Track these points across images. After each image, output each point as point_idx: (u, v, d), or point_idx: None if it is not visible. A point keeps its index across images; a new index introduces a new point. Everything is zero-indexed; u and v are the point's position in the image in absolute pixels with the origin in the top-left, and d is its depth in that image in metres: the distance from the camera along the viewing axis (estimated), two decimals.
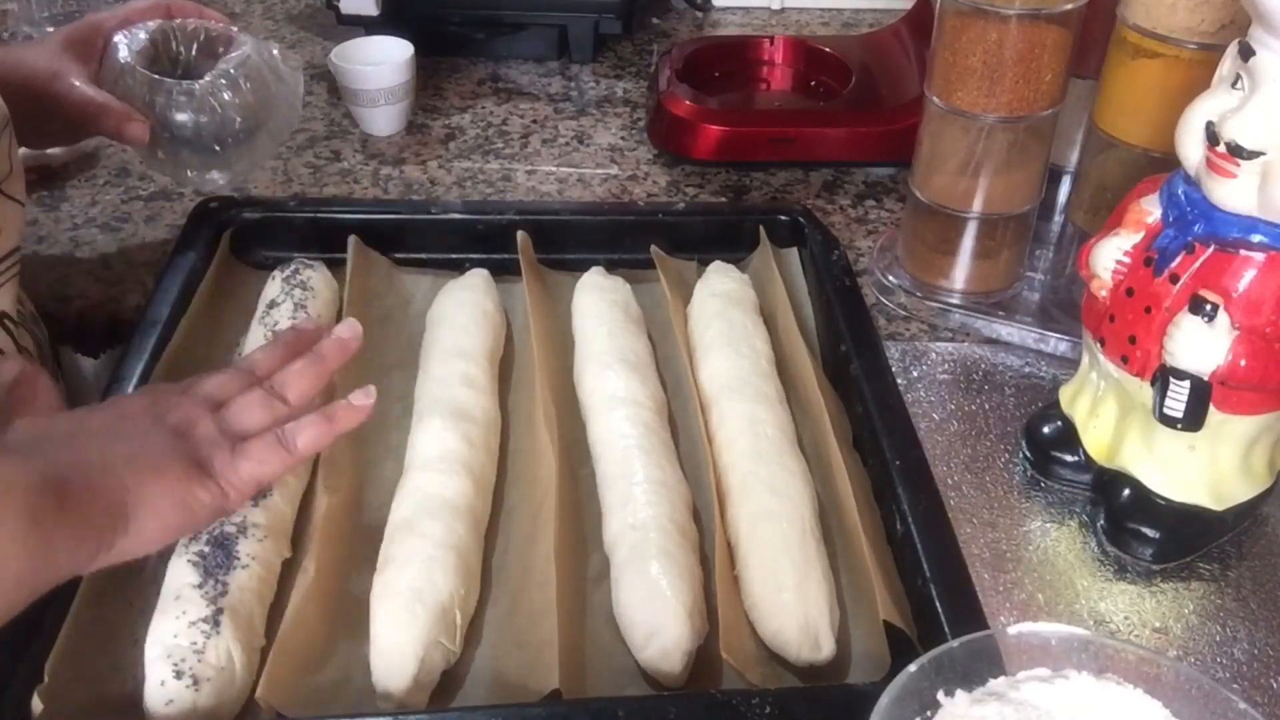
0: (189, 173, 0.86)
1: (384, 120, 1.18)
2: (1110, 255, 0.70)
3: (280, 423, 0.61)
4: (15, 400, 0.59)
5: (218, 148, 0.84)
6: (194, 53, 0.87)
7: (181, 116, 0.82)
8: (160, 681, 0.58)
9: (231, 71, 0.83)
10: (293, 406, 0.62)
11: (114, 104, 0.81)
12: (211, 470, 0.57)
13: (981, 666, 0.52)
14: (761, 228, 0.93)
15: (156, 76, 0.82)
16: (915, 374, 0.87)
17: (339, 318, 0.83)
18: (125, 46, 0.83)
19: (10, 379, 0.60)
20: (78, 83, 0.81)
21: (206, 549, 0.63)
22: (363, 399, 0.62)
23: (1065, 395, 0.78)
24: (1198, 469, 0.70)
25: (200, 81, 0.82)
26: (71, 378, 0.92)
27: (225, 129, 0.83)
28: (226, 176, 0.88)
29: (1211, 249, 0.65)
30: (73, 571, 0.53)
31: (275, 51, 0.87)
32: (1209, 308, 0.64)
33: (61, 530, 0.50)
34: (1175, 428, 0.68)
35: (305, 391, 0.63)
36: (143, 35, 0.83)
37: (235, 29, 0.87)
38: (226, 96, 0.83)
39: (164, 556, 0.65)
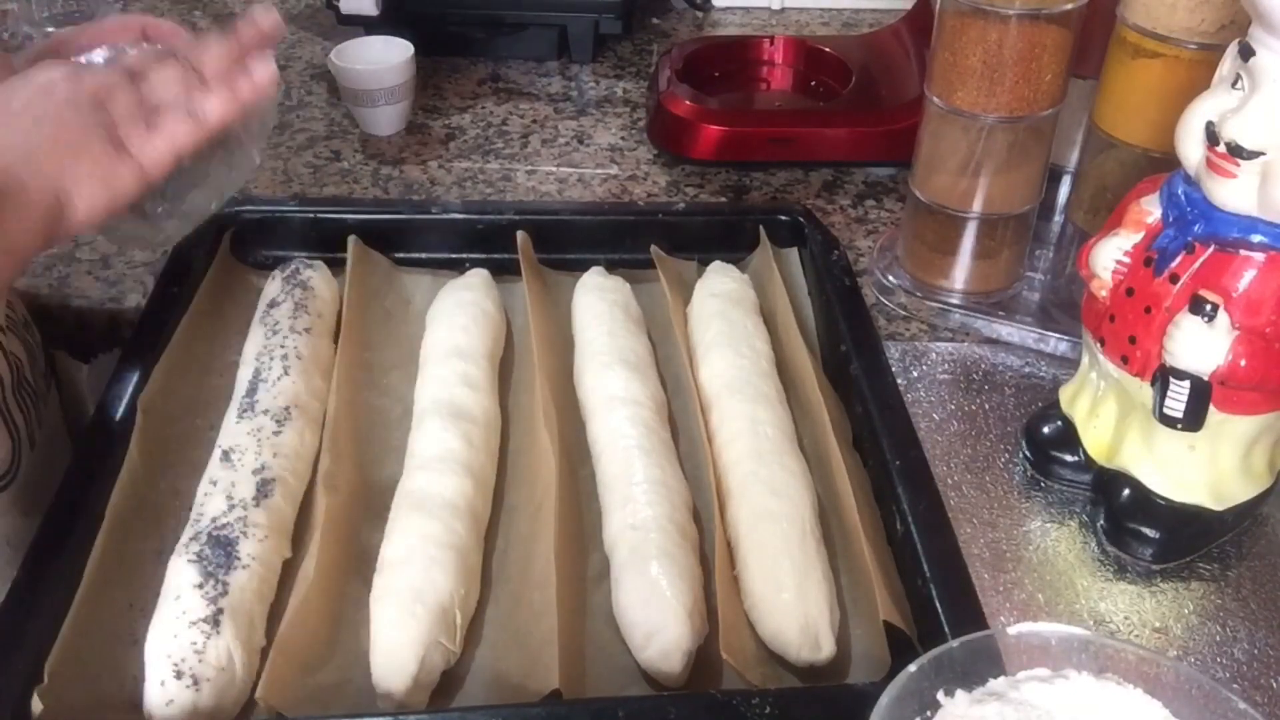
0: (107, 235, 0.72)
1: (384, 120, 1.18)
2: (1110, 255, 0.70)
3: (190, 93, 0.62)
4: None
5: (131, 213, 0.66)
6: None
7: None
8: (160, 681, 0.58)
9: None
10: (207, 81, 0.63)
11: None
12: (128, 148, 0.60)
13: (981, 666, 0.52)
14: (761, 228, 0.93)
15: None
16: (915, 374, 0.87)
17: (339, 318, 0.83)
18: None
19: None
20: None
21: (207, 549, 0.63)
22: (261, 66, 0.64)
23: (1065, 395, 0.78)
24: (1198, 469, 0.70)
25: None
26: (65, 384, 0.92)
27: (149, 192, 0.65)
28: (153, 243, 0.78)
29: (1211, 249, 0.65)
30: (27, 257, 0.58)
31: None
32: (1209, 308, 0.64)
33: (6, 231, 0.55)
34: (1175, 428, 0.68)
35: (219, 66, 0.64)
36: (99, 59, 0.68)
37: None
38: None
39: (164, 556, 0.65)
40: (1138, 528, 0.72)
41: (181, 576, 0.62)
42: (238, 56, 0.65)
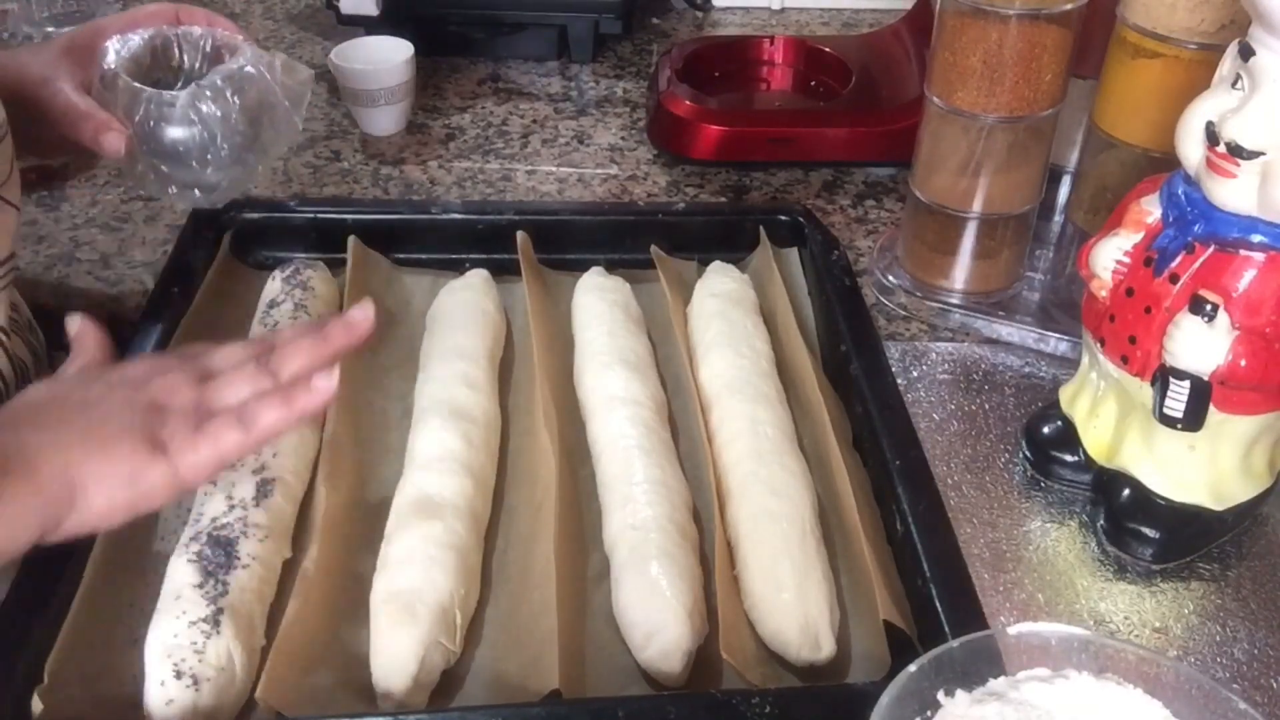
0: (170, 189, 0.79)
1: (384, 120, 1.18)
2: (1110, 255, 0.70)
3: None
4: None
5: (195, 164, 0.77)
6: (199, 63, 0.81)
7: (160, 128, 0.75)
8: (160, 681, 0.58)
9: (219, 83, 0.76)
10: (281, 383, 0.60)
11: (96, 112, 0.75)
12: (168, 449, 0.56)
13: (981, 666, 0.52)
14: (761, 228, 0.93)
15: (136, 85, 0.75)
16: (915, 374, 0.87)
17: None
18: (114, 53, 0.77)
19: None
20: (66, 88, 0.76)
21: (207, 549, 0.63)
22: (323, 381, 0.60)
23: (1065, 395, 0.78)
24: (1198, 469, 0.70)
25: (182, 92, 0.75)
26: None
27: (208, 144, 0.76)
28: (209, 195, 0.80)
29: (1211, 249, 0.65)
30: (19, 546, 0.54)
31: (278, 64, 0.80)
32: (1209, 308, 0.64)
33: (2, 505, 0.52)
34: (1175, 428, 0.68)
35: (299, 370, 0.61)
36: (137, 41, 0.77)
37: (242, 38, 0.80)
38: (206, 109, 0.75)
39: (164, 556, 0.65)
40: (1138, 528, 0.72)
41: (181, 576, 0.62)
42: (322, 359, 0.62)
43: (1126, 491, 0.73)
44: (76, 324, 0.64)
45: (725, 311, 0.84)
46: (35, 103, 0.77)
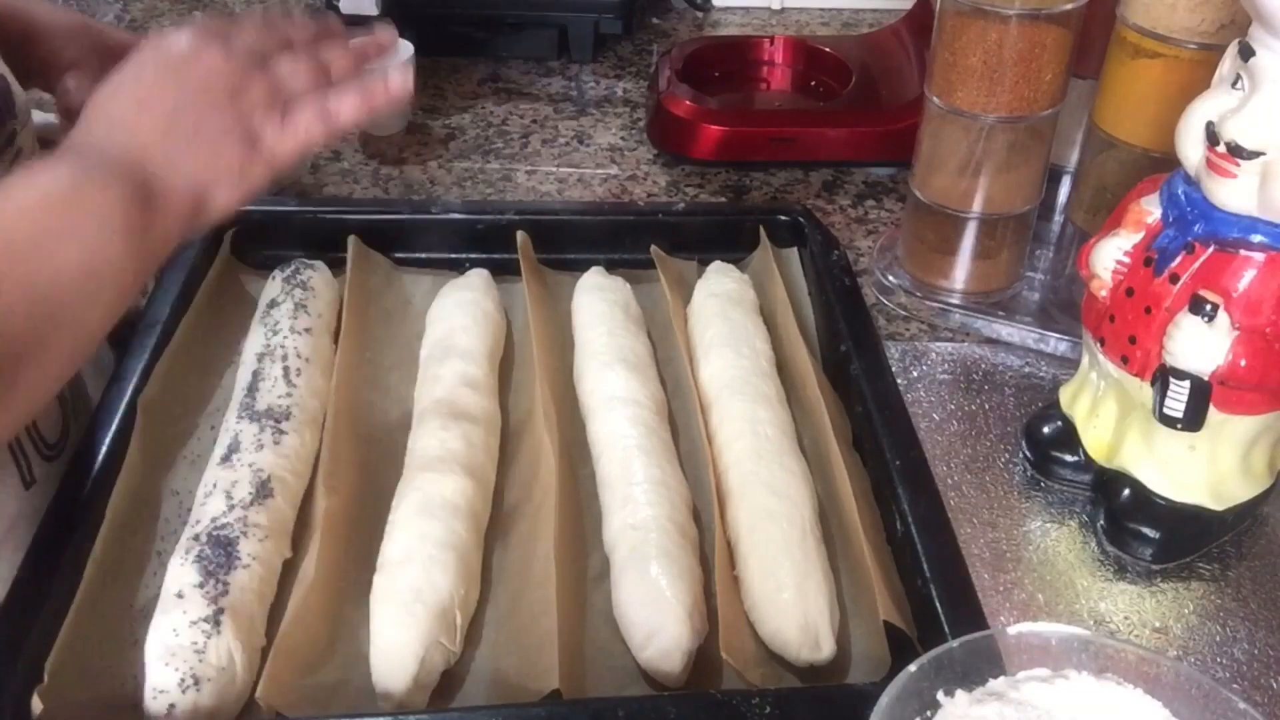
0: None
1: (384, 120, 1.18)
2: (1110, 255, 0.70)
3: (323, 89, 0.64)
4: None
5: None
6: None
7: None
8: (160, 681, 0.58)
9: None
10: (332, 80, 0.65)
11: None
12: (262, 140, 0.61)
13: (981, 666, 0.52)
14: (761, 228, 0.93)
15: None
16: (915, 374, 0.87)
17: (339, 318, 0.83)
18: None
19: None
20: (111, 28, 0.91)
21: (207, 549, 0.63)
22: (399, 77, 0.66)
23: (1065, 395, 0.78)
24: (1198, 469, 0.70)
25: None
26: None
27: None
28: None
29: (1211, 249, 0.65)
30: (164, 256, 0.60)
31: None
32: (1209, 308, 0.64)
33: (152, 231, 0.57)
34: (1175, 428, 0.68)
35: (346, 67, 0.66)
36: None
37: None
38: None
39: (164, 556, 0.65)
40: (1138, 528, 0.72)
41: (182, 576, 0.62)
42: (359, 62, 0.67)
43: (1126, 491, 0.73)
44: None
45: (725, 311, 0.84)
46: (58, 31, 0.84)
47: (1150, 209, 0.69)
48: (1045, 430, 0.79)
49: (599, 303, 0.85)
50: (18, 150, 0.75)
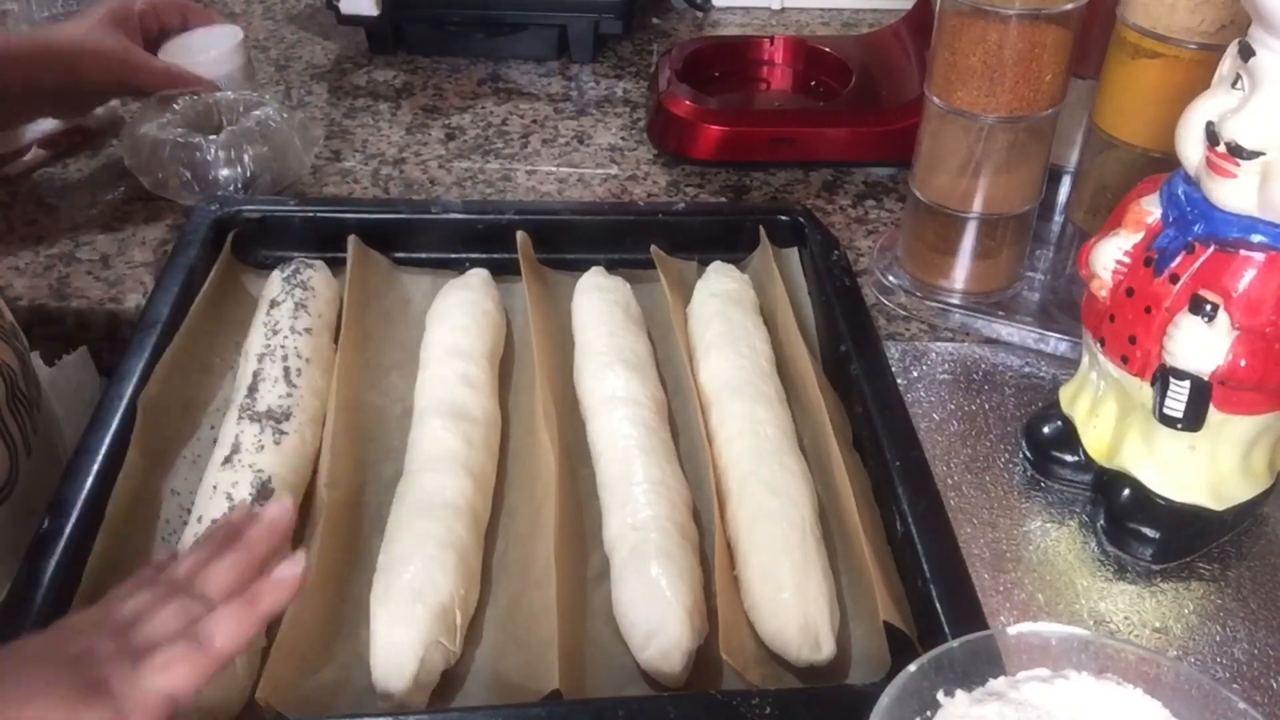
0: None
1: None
2: (1110, 255, 0.70)
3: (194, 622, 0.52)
4: None
5: (233, 188, 1.00)
6: (235, 118, 1.05)
7: (208, 160, 0.99)
8: None
9: (239, 132, 1.00)
10: (215, 605, 0.53)
11: (187, 74, 1.05)
12: (108, 690, 0.49)
13: (981, 666, 0.52)
14: (761, 228, 0.93)
15: (184, 138, 0.99)
16: (915, 374, 0.87)
17: (339, 318, 0.84)
18: (163, 119, 1.02)
19: None
20: (150, 57, 1.04)
21: None
22: (290, 568, 0.54)
23: (1065, 395, 0.78)
24: (1198, 469, 0.70)
25: (217, 137, 1.00)
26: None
27: (237, 176, 1.00)
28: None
29: (1211, 249, 0.65)
30: None
31: (296, 119, 1.06)
32: (1209, 308, 0.64)
33: None
34: (1175, 428, 0.68)
35: (229, 586, 0.55)
36: (176, 107, 1.03)
37: (268, 99, 1.07)
38: (235, 151, 0.99)
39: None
40: (1138, 528, 0.72)
41: None
42: (251, 568, 0.55)
43: (1126, 491, 0.73)
44: None
45: (725, 311, 0.84)
46: (104, 65, 1.00)
47: (1150, 209, 0.69)
48: (1045, 430, 0.79)
49: (599, 303, 0.85)
50: None
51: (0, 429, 0.74)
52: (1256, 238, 0.63)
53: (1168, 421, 0.68)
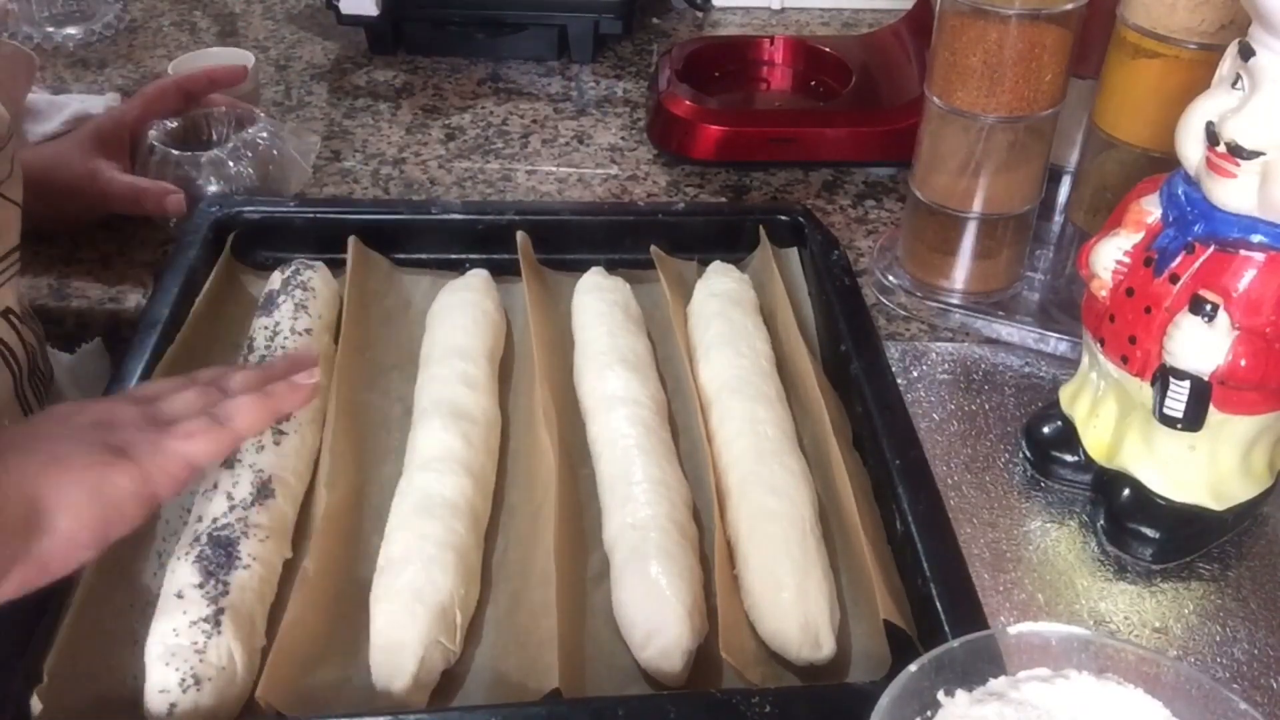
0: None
1: None
2: (1110, 255, 0.70)
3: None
4: None
5: None
6: (227, 130, 1.04)
7: (200, 181, 0.98)
8: (161, 681, 0.58)
9: (237, 147, 0.99)
10: (233, 396, 0.59)
11: (151, 186, 0.95)
12: (132, 454, 0.53)
13: (982, 666, 0.52)
14: (761, 228, 0.93)
15: (173, 151, 0.98)
16: (915, 374, 0.87)
17: (339, 318, 0.84)
18: (154, 132, 1.00)
19: None
20: (115, 174, 0.95)
21: (208, 549, 0.63)
22: (306, 377, 0.60)
23: (1065, 395, 0.78)
24: (1198, 469, 0.70)
25: (211, 154, 0.98)
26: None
27: (235, 188, 0.98)
28: None
29: (1211, 249, 0.65)
30: None
31: (288, 129, 1.05)
32: (1209, 308, 0.64)
33: None
34: (1175, 428, 0.68)
35: (247, 387, 0.59)
36: (169, 125, 1.01)
37: (258, 111, 1.05)
38: (232, 166, 0.98)
39: (165, 556, 0.65)
40: (1138, 528, 0.72)
41: (182, 576, 0.62)
42: (268, 380, 0.60)
43: (1126, 491, 0.73)
44: None
45: (725, 311, 0.84)
46: (85, 193, 0.95)
47: (1150, 209, 0.69)
48: (1045, 430, 0.79)
49: (599, 303, 0.85)
50: None
51: (22, 405, 0.77)
52: (1256, 238, 0.63)
53: (1168, 421, 0.68)
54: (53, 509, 0.50)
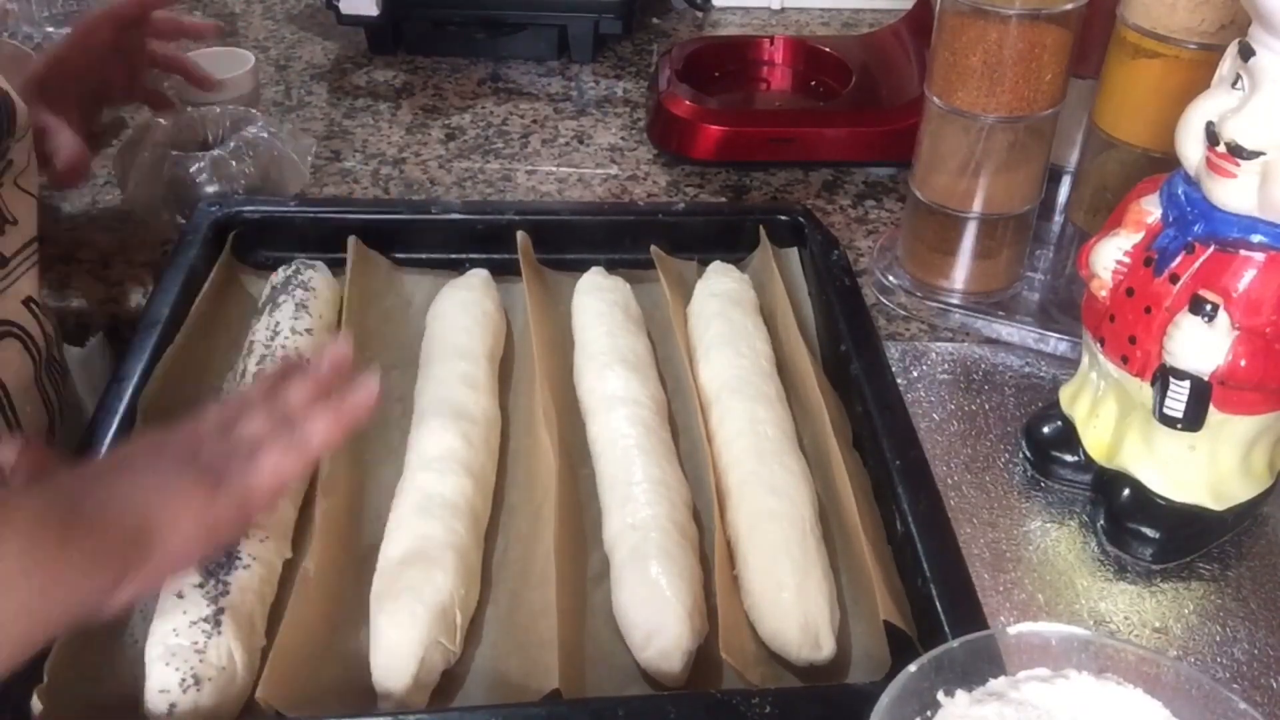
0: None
1: None
2: (1110, 255, 0.70)
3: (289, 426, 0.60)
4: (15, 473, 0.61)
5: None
6: (221, 133, 1.04)
7: (200, 181, 0.97)
8: (161, 681, 0.58)
9: (234, 147, 0.98)
10: (295, 415, 0.61)
11: (84, 152, 0.91)
12: (228, 479, 0.57)
13: (981, 666, 0.52)
14: (761, 228, 0.93)
15: (175, 153, 0.98)
16: (915, 374, 0.87)
17: (340, 318, 0.84)
18: (155, 133, 1.00)
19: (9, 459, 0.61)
20: (64, 139, 0.90)
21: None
22: (370, 383, 0.62)
23: (1065, 395, 0.78)
24: (1198, 469, 0.70)
25: (211, 154, 0.97)
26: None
27: (235, 188, 0.97)
28: None
29: (1211, 249, 0.65)
30: (97, 600, 0.53)
31: (286, 130, 1.06)
32: (1209, 308, 0.64)
33: (68, 557, 0.51)
34: (1175, 428, 0.68)
35: (306, 402, 0.62)
36: (168, 125, 1.02)
37: (256, 112, 1.05)
38: (234, 165, 0.97)
39: None
40: (1138, 528, 0.72)
41: (182, 576, 0.62)
42: (321, 391, 0.62)
43: (1126, 491, 0.73)
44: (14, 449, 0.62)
45: (725, 311, 0.84)
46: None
47: (1150, 209, 0.69)
48: (1045, 430, 0.79)
49: (599, 303, 0.85)
50: (8, 163, 0.76)
51: (40, 391, 0.78)
52: (1256, 238, 0.63)
53: (1168, 421, 0.68)
54: (164, 529, 0.54)
